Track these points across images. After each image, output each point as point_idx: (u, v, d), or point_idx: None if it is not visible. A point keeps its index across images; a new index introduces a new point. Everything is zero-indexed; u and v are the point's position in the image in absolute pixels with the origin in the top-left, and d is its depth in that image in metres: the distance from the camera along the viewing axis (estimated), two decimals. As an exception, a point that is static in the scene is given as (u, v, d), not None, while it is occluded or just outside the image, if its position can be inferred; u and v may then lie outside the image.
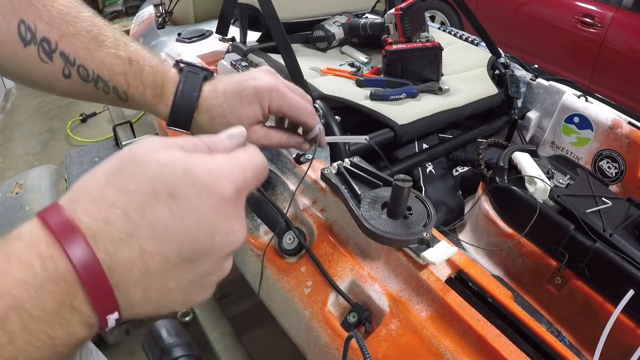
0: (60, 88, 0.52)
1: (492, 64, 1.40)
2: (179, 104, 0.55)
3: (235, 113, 0.55)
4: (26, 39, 0.47)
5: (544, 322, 0.96)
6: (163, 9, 1.88)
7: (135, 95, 0.55)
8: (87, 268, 0.26)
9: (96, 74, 0.52)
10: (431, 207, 0.70)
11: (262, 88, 0.56)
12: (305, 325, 0.79)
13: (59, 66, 0.50)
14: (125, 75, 0.53)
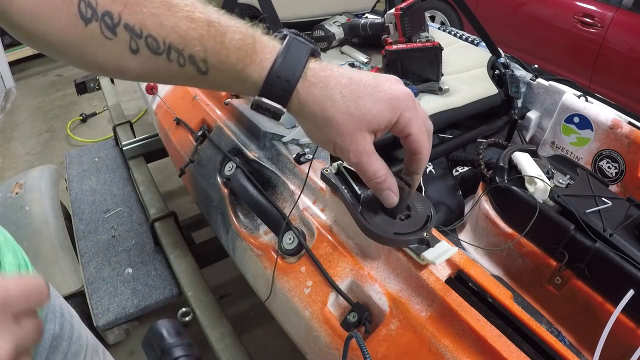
0: (129, 67, 0.46)
1: (492, 64, 1.40)
2: (280, 68, 0.45)
3: (361, 102, 0.45)
4: (87, 16, 0.43)
5: (544, 322, 0.96)
6: (163, 9, 1.88)
7: (216, 62, 0.46)
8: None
9: (167, 43, 0.45)
10: (431, 207, 0.70)
11: (401, 94, 0.47)
12: (305, 325, 0.79)
13: (125, 41, 0.45)
14: (202, 40, 0.45)
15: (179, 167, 1.25)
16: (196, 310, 1.26)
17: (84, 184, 1.80)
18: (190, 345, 0.67)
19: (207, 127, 1.19)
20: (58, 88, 3.54)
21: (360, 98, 0.45)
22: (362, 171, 0.49)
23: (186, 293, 1.33)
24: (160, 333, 0.67)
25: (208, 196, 1.11)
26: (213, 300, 1.29)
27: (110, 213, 1.65)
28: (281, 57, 0.45)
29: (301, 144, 0.97)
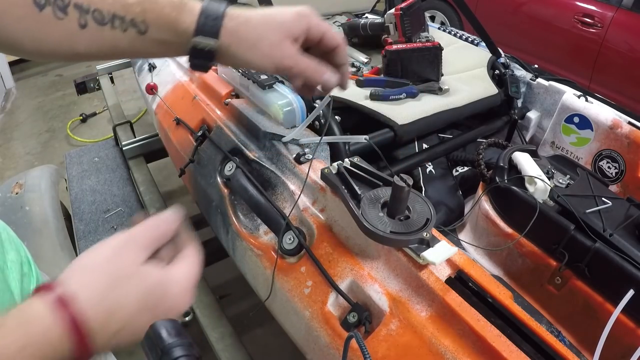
0: (79, 44, 0.52)
1: (492, 64, 1.40)
2: (208, 8, 0.52)
3: (275, 17, 0.53)
4: (40, 3, 0.49)
5: (544, 322, 0.96)
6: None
7: (153, 19, 0.52)
8: (80, 342, 0.37)
9: (111, 13, 0.51)
10: (431, 207, 0.70)
11: (303, 7, 0.56)
12: (305, 325, 0.79)
13: (75, 18, 0.50)
14: (140, 3, 0.52)
15: (179, 167, 1.25)
16: (196, 310, 1.26)
17: (84, 184, 1.80)
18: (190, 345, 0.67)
19: (207, 127, 1.19)
20: (58, 88, 3.54)
21: (275, 15, 0.54)
22: (301, 70, 0.56)
23: (186, 293, 1.33)
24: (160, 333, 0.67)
25: (208, 196, 1.11)
26: (213, 300, 1.29)
27: (110, 213, 1.65)
28: (206, 4, 0.52)
29: (301, 144, 0.97)
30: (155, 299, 0.42)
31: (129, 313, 0.41)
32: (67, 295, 0.37)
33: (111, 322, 0.39)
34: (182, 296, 0.46)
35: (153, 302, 0.42)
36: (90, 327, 0.37)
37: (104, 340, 0.39)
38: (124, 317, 0.40)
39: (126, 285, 0.41)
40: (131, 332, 0.42)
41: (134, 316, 0.41)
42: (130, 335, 0.42)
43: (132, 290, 0.41)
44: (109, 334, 0.39)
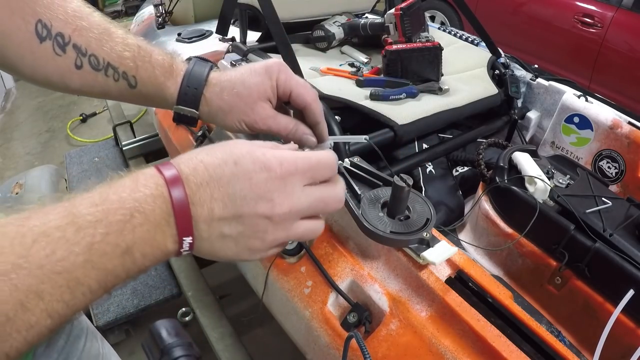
0: (72, 81, 0.55)
1: (492, 64, 1.40)
2: (190, 79, 0.57)
3: (245, 84, 0.57)
4: (42, 35, 0.52)
5: (544, 322, 0.96)
6: (163, 9, 1.88)
7: (144, 77, 0.56)
8: (179, 202, 0.37)
9: (106, 61, 0.55)
10: (431, 207, 0.70)
11: (271, 63, 0.58)
12: (305, 325, 0.79)
13: (72, 57, 0.54)
14: (134, 60, 0.56)
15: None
16: (196, 310, 1.26)
17: (84, 184, 1.80)
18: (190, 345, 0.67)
19: (207, 127, 1.19)
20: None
21: (245, 80, 0.57)
22: (275, 131, 0.59)
23: (186, 293, 1.33)
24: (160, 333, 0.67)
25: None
26: (213, 300, 1.29)
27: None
28: (189, 72, 0.57)
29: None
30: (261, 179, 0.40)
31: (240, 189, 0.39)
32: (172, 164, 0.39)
33: (213, 184, 0.38)
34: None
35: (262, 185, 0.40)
36: (185, 176, 0.38)
37: (204, 201, 0.38)
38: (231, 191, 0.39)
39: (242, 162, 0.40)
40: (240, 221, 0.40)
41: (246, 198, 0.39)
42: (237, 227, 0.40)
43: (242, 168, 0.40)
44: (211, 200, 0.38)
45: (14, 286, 0.30)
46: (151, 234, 0.36)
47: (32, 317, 0.31)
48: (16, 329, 0.31)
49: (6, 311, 0.30)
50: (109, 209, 0.35)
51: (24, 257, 0.31)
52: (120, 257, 0.35)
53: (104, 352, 0.70)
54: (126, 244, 0.35)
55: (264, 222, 0.40)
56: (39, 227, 0.32)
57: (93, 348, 0.67)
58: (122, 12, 4.23)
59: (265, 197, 0.40)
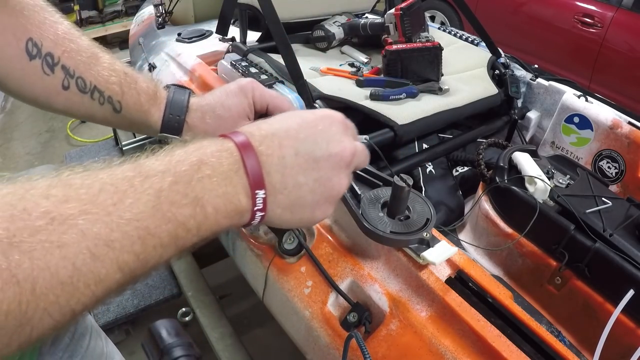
0: (57, 101, 0.56)
1: (492, 64, 1.40)
2: (172, 106, 0.59)
3: (224, 106, 0.59)
4: (32, 53, 0.53)
5: (544, 322, 0.96)
6: (163, 9, 1.88)
7: (129, 103, 0.58)
8: (245, 147, 0.37)
9: (93, 85, 0.56)
10: (431, 207, 0.70)
11: (244, 82, 0.61)
12: (305, 325, 0.79)
13: (60, 78, 0.55)
14: (120, 85, 0.57)
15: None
16: (196, 310, 1.26)
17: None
18: (190, 345, 0.67)
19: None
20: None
21: (223, 102, 0.59)
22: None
23: (186, 293, 1.33)
24: (160, 333, 0.67)
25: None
26: (213, 300, 1.29)
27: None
28: (170, 100, 0.59)
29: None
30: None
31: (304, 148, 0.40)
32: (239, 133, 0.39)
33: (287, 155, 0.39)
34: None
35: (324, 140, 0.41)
36: (255, 139, 0.38)
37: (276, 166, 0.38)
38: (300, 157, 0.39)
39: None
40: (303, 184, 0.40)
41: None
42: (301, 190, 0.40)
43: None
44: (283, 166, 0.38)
45: (81, 232, 0.28)
46: (221, 186, 0.35)
47: (102, 268, 0.29)
48: (84, 282, 0.29)
49: (73, 259, 0.28)
50: (176, 161, 0.35)
51: (91, 203, 0.29)
52: (190, 208, 0.34)
53: (107, 350, 0.70)
54: (195, 193, 0.34)
55: (338, 163, 0.41)
56: (105, 179, 0.31)
57: (97, 347, 0.67)
58: (122, 12, 4.23)
59: (334, 139, 0.41)
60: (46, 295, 0.27)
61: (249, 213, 0.38)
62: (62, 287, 0.27)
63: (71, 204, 0.29)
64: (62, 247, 0.27)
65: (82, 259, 0.28)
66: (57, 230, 0.27)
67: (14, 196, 0.28)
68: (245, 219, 0.38)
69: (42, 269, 0.26)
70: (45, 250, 0.27)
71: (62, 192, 0.29)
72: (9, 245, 0.26)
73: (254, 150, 0.37)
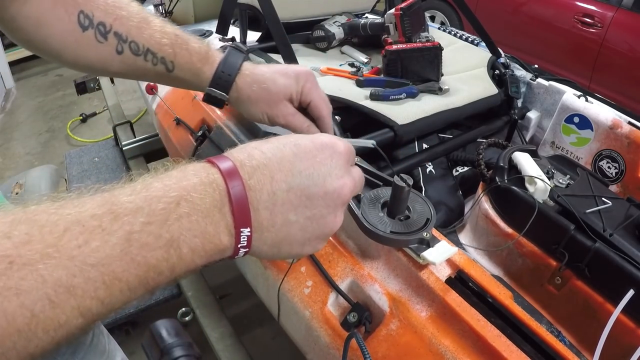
0: (112, 65, 0.59)
1: (492, 64, 1.40)
2: (224, 65, 0.61)
3: (275, 82, 0.60)
4: (84, 25, 0.55)
5: (544, 322, 0.96)
6: (163, 9, 1.88)
7: (181, 62, 0.60)
8: (232, 180, 0.34)
9: (146, 47, 0.58)
10: (431, 207, 0.70)
11: (302, 71, 0.62)
12: (305, 325, 0.79)
13: (113, 44, 0.57)
14: (172, 46, 0.59)
15: (179, 167, 1.24)
16: (196, 310, 1.26)
17: (84, 184, 1.80)
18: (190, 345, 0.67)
19: (207, 127, 1.19)
20: (58, 88, 3.54)
21: (275, 79, 0.60)
22: (292, 127, 0.63)
23: (186, 293, 1.33)
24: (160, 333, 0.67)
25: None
26: (213, 300, 1.29)
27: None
28: (224, 59, 0.61)
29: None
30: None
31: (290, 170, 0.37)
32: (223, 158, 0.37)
33: (268, 173, 0.36)
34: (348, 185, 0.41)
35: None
36: (241, 164, 0.35)
37: (264, 196, 0.35)
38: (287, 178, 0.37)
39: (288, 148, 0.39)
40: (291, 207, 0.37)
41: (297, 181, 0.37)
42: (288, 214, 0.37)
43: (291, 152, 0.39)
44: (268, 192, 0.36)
45: (41, 278, 0.26)
46: (200, 225, 0.33)
47: (62, 315, 0.27)
48: (42, 328, 0.27)
49: (31, 306, 0.26)
50: (152, 197, 0.32)
51: (54, 246, 0.27)
52: (163, 250, 0.31)
53: (109, 348, 0.70)
54: (170, 235, 0.31)
55: (334, 201, 0.39)
56: (73, 216, 0.29)
57: (100, 343, 0.67)
58: (122, 12, 4.24)
59: (332, 174, 0.38)
60: (2, 342, 0.26)
61: (231, 250, 0.35)
62: (19, 334, 0.26)
63: (33, 245, 0.27)
64: (20, 294, 0.26)
65: (41, 305, 0.27)
66: (16, 275, 0.26)
67: None
68: (227, 254, 0.36)
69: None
70: (2, 297, 0.25)
71: (25, 231, 0.27)
72: None
73: (243, 184, 0.34)
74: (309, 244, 0.39)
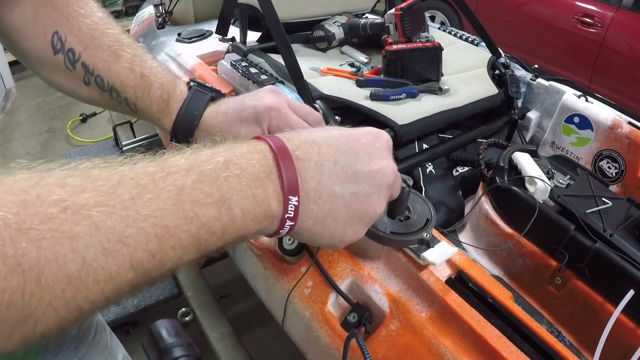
0: (82, 94, 0.58)
1: (492, 64, 1.40)
2: (181, 121, 0.58)
3: (233, 131, 0.56)
4: (56, 47, 0.54)
5: (544, 322, 0.96)
6: (163, 9, 1.88)
7: (142, 108, 0.58)
8: (280, 150, 0.35)
9: (110, 85, 0.57)
10: (431, 208, 0.70)
11: (262, 107, 0.56)
12: (305, 325, 0.79)
13: (80, 74, 0.56)
14: (135, 89, 0.57)
15: (179, 167, 1.24)
16: (196, 310, 1.26)
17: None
18: (190, 345, 0.67)
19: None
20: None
21: (233, 129, 0.56)
22: None
23: (186, 293, 1.33)
24: (160, 333, 0.67)
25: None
26: (213, 300, 1.29)
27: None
28: (183, 111, 0.58)
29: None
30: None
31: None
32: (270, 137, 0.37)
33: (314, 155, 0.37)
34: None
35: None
36: (292, 144, 0.36)
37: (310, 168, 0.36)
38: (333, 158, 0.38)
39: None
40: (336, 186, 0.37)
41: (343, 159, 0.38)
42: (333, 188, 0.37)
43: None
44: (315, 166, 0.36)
45: (94, 224, 0.26)
46: (250, 188, 0.33)
47: (113, 265, 0.27)
48: (93, 277, 0.27)
49: (83, 252, 0.26)
50: (201, 160, 0.32)
51: (108, 195, 0.27)
52: (215, 208, 0.31)
53: (112, 345, 0.70)
54: (220, 194, 0.32)
55: (379, 180, 0.39)
56: (126, 172, 0.29)
57: (102, 340, 0.68)
58: (122, 12, 4.23)
59: (377, 155, 0.39)
60: (52, 288, 0.25)
61: (278, 220, 0.35)
62: (69, 281, 0.26)
63: (87, 194, 0.27)
64: (73, 239, 0.26)
65: (93, 252, 0.26)
66: (70, 220, 0.26)
67: (28, 182, 0.26)
68: (275, 226, 0.36)
69: (49, 260, 0.25)
70: (54, 240, 0.25)
71: (79, 182, 0.27)
72: (17, 232, 0.24)
73: (290, 154, 0.35)
74: (351, 227, 0.39)
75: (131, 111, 0.59)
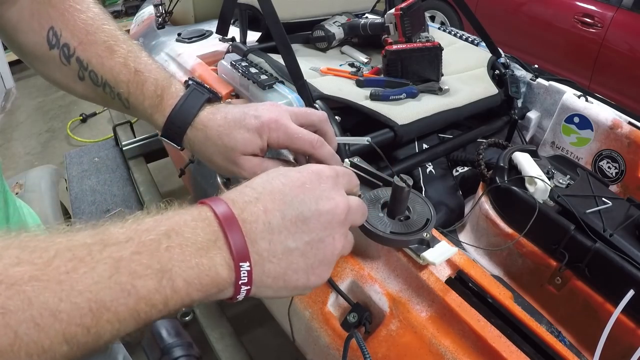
0: (76, 89, 0.59)
1: (492, 64, 1.40)
2: (175, 117, 0.56)
3: (232, 136, 0.54)
4: (52, 43, 0.55)
5: (544, 322, 0.96)
6: (163, 9, 1.88)
7: (135, 104, 0.58)
8: (225, 217, 0.35)
9: (104, 80, 0.56)
10: (431, 208, 0.70)
11: (266, 121, 0.55)
12: (305, 325, 0.79)
13: (75, 69, 0.56)
14: (128, 84, 0.56)
15: (179, 167, 1.25)
16: (196, 310, 1.26)
17: (84, 184, 1.80)
18: (190, 345, 0.67)
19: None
20: (58, 88, 3.54)
21: (233, 133, 0.54)
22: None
23: (186, 293, 1.33)
24: (160, 333, 0.67)
25: (208, 196, 1.11)
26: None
27: (110, 213, 1.65)
28: (178, 108, 0.56)
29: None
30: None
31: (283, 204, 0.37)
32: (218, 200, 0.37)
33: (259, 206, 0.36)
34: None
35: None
36: (237, 206, 0.36)
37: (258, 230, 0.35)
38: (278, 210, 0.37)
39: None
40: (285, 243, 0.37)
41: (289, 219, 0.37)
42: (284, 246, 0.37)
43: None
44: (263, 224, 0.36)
45: (28, 299, 0.26)
46: (193, 257, 0.32)
47: (46, 339, 0.27)
48: (26, 351, 0.27)
49: (16, 327, 0.26)
50: (142, 230, 0.32)
51: (43, 269, 0.27)
52: (154, 281, 0.31)
53: (112, 345, 0.70)
54: (160, 265, 0.31)
55: (330, 221, 0.39)
56: (64, 244, 0.29)
57: None
58: (122, 12, 4.23)
59: (323, 196, 0.39)
60: None
61: (232, 286, 0.34)
62: (1, 355, 0.26)
63: (22, 267, 0.27)
64: (6, 314, 0.26)
65: (26, 327, 0.26)
66: (3, 294, 0.26)
67: None
68: (229, 292, 0.35)
69: None
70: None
71: (16, 254, 0.27)
72: None
73: (236, 219, 0.35)
74: (314, 272, 0.39)
75: (124, 107, 0.58)
